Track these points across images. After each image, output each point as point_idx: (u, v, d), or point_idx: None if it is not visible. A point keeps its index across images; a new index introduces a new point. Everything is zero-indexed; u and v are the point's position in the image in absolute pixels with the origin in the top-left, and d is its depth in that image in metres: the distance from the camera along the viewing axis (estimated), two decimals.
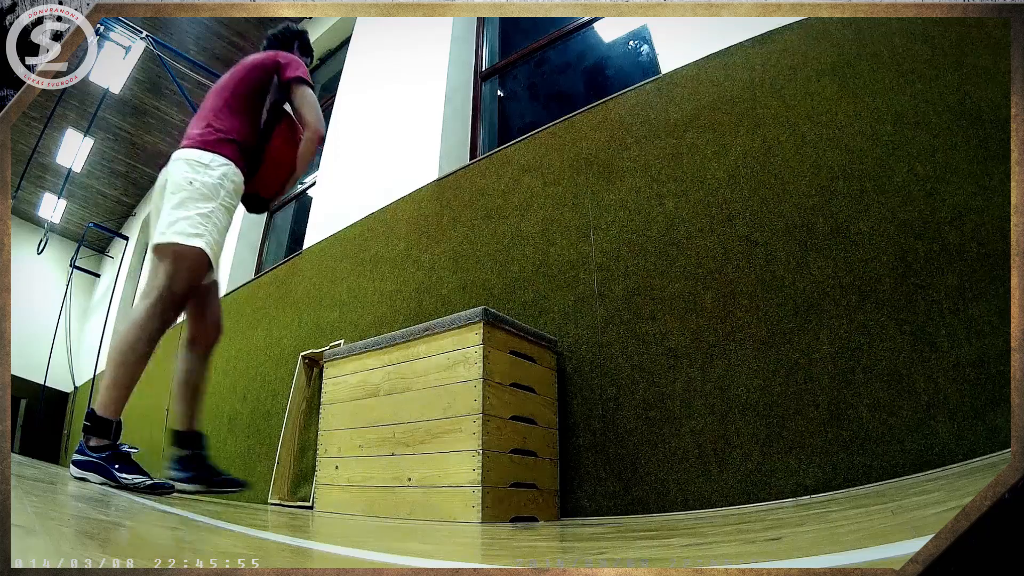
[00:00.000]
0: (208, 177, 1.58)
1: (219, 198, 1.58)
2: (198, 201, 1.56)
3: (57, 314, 7.91)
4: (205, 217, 1.56)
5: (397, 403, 1.95)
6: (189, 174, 1.58)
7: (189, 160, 1.61)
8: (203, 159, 1.60)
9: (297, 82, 1.73)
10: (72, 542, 0.70)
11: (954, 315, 1.43)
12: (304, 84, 1.75)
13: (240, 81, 1.73)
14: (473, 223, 2.63)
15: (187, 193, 1.56)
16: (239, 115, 1.67)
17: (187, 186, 1.56)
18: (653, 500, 1.78)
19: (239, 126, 1.67)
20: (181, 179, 1.58)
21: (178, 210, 1.55)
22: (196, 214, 1.55)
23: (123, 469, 1.51)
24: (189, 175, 1.58)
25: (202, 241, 1.56)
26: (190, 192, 1.56)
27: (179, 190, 1.57)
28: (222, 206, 1.59)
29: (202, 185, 1.57)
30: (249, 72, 1.73)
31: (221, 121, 1.66)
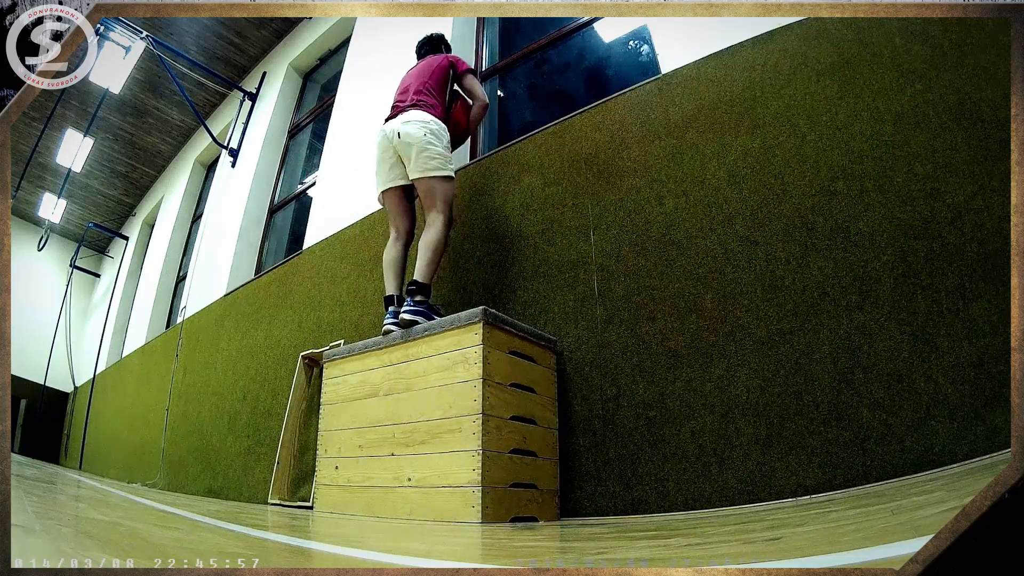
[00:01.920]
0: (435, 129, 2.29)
1: (444, 142, 2.31)
2: (441, 148, 2.28)
3: (57, 314, 7.92)
4: (446, 157, 2.29)
5: (397, 403, 1.95)
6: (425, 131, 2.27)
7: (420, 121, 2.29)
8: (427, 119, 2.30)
9: (466, 72, 2.52)
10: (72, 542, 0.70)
11: (954, 315, 1.43)
12: (470, 73, 2.53)
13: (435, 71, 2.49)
14: (473, 223, 2.63)
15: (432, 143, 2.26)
16: (437, 95, 2.43)
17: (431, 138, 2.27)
18: (653, 500, 1.78)
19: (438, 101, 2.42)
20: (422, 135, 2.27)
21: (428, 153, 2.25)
22: (441, 156, 2.27)
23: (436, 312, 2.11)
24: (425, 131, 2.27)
25: (450, 170, 2.30)
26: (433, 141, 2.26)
27: (426, 143, 2.26)
28: (446, 148, 2.32)
29: (436, 136, 2.28)
30: (440, 66, 2.50)
31: (429, 97, 2.39)
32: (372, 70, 3.85)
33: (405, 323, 2.07)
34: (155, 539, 0.89)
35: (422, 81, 2.45)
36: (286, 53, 5.24)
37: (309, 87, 5.23)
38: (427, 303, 2.14)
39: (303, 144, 5.00)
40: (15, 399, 7.60)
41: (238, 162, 5.18)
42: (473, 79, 2.52)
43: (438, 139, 2.28)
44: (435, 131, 2.29)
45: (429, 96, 2.40)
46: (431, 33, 2.77)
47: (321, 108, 4.76)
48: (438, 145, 2.27)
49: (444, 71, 2.50)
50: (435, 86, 2.44)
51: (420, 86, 2.43)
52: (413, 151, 2.27)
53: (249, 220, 4.70)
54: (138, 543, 0.82)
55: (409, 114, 2.33)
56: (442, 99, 2.44)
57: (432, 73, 2.48)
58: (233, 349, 4.02)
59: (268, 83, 5.34)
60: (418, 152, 2.26)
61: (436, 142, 2.27)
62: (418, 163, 2.26)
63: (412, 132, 2.28)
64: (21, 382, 7.56)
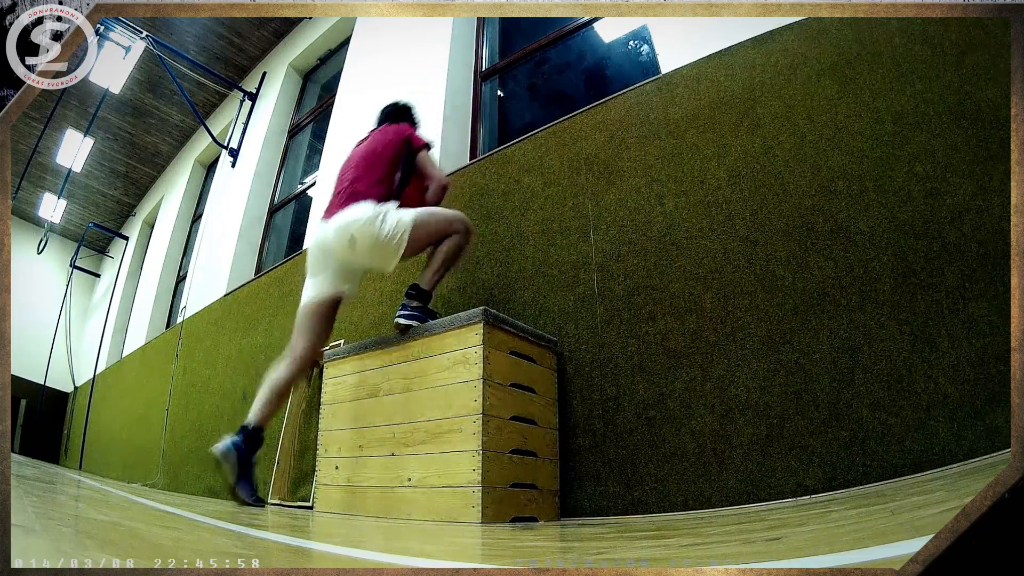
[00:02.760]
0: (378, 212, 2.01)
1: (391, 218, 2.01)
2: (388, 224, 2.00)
3: (57, 314, 7.91)
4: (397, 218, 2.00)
5: (397, 403, 1.95)
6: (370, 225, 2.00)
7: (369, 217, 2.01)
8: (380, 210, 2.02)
9: (422, 149, 2.22)
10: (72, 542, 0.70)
11: (954, 315, 1.43)
12: (426, 149, 2.23)
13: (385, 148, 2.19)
14: (473, 223, 2.62)
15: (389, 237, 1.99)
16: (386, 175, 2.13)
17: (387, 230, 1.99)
18: (653, 500, 1.78)
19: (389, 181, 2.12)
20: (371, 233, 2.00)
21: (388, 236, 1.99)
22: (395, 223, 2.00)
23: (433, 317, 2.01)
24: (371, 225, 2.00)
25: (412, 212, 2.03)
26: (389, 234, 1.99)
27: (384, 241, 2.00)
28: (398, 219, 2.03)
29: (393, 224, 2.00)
30: (391, 142, 2.20)
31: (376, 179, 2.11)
32: (372, 70, 3.85)
33: (400, 328, 2.00)
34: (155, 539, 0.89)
35: (366, 164, 2.15)
36: (286, 53, 5.24)
37: (309, 87, 5.23)
38: (424, 308, 2.02)
39: (303, 144, 5.00)
40: (15, 399, 7.60)
41: (238, 162, 5.18)
42: (429, 157, 2.23)
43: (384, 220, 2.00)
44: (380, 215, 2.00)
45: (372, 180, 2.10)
46: (397, 101, 2.48)
47: (321, 108, 4.76)
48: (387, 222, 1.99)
49: (396, 148, 2.17)
50: (382, 166, 2.13)
51: (362, 171, 2.14)
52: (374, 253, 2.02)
53: (249, 220, 4.70)
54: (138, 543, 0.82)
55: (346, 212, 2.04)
56: (389, 181, 2.12)
57: (380, 151, 2.17)
58: (233, 349, 4.02)
59: (268, 83, 5.34)
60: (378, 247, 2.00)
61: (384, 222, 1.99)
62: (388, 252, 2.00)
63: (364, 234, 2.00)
64: (21, 382, 7.56)
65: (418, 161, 2.18)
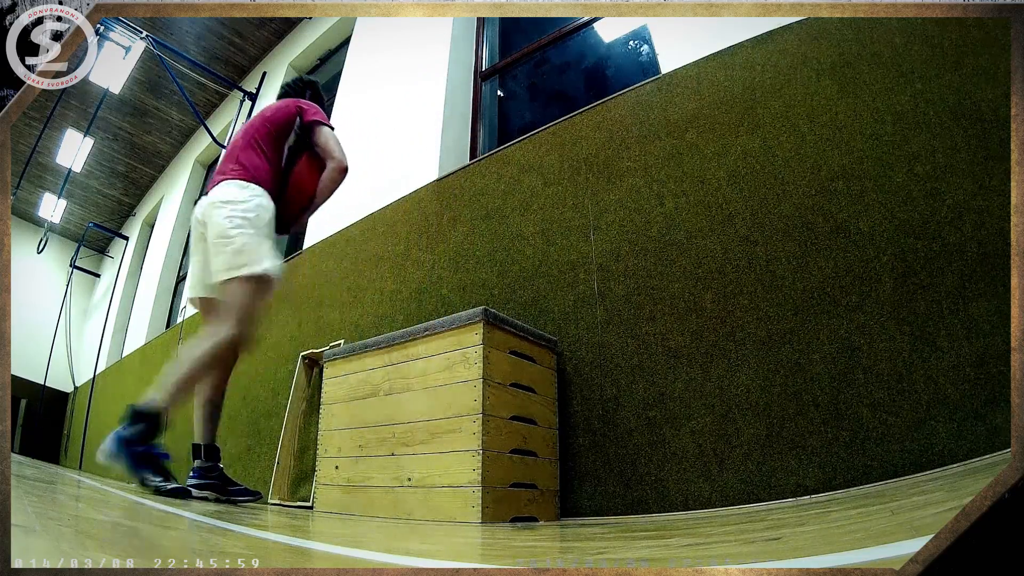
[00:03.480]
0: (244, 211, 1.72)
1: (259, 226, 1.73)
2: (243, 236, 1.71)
3: (57, 314, 7.91)
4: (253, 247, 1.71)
5: (397, 403, 1.95)
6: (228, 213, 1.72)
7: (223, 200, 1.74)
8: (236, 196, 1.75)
9: (316, 124, 1.95)
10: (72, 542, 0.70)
11: (954, 315, 1.43)
12: (323, 125, 1.96)
13: (264, 122, 1.93)
14: (473, 223, 2.63)
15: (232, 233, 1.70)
16: (264, 152, 1.87)
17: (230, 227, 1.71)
18: (653, 500, 1.78)
19: (263, 161, 1.86)
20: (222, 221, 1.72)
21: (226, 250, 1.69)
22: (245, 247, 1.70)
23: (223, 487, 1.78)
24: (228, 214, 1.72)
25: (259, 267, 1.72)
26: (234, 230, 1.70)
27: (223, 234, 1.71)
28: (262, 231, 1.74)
29: (242, 219, 1.72)
30: (273, 116, 1.94)
31: (249, 157, 1.84)
32: (372, 70, 3.85)
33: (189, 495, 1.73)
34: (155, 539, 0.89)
35: (247, 137, 1.90)
36: (286, 53, 5.24)
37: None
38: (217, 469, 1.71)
39: None
40: (15, 399, 7.60)
41: None
42: (327, 133, 1.95)
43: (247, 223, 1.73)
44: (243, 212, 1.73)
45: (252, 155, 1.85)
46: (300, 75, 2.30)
47: None
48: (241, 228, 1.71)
49: (284, 121, 1.94)
50: (264, 139, 1.89)
51: (243, 143, 1.89)
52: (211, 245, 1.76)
53: None
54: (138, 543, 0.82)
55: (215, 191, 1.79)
56: (272, 156, 1.88)
57: (264, 123, 1.93)
58: None
59: (268, 83, 5.34)
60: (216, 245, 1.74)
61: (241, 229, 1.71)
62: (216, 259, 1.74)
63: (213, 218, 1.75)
64: (21, 382, 7.56)
65: (313, 137, 1.91)
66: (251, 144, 1.88)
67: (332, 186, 1.95)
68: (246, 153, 1.85)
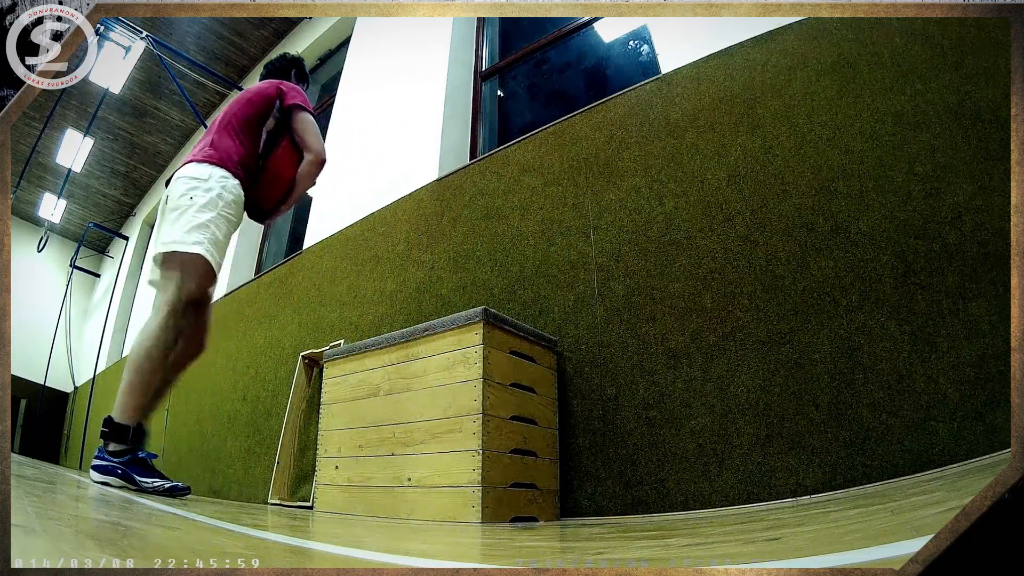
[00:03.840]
0: (206, 189, 1.64)
1: (217, 208, 1.64)
2: (196, 212, 1.62)
3: (57, 314, 7.91)
4: (203, 226, 1.62)
5: (397, 403, 1.95)
6: (186, 188, 1.65)
7: (187, 176, 1.68)
8: (201, 174, 1.68)
9: (296, 108, 1.84)
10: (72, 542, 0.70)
11: (954, 315, 1.43)
12: (303, 110, 1.86)
13: (243, 106, 1.85)
14: (473, 223, 2.63)
15: (186, 205, 1.62)
16: (238, 136, 1.79)
17: (186, 201, 1.63)
18: (653, 500, 1.78)
19: (237, 145, 1.78)
20: (179, 194, 1.65)
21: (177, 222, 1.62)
22: (194, 224, 1.61)
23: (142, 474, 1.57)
24: (186, 189, 1.65)
25: (201, 248, 1.61)
26: (188, 204, 1.63)
27: (177, 205, 1.64)
28: (221, 216, 1.66)
29: (201, 197, 1.64)
30: (251, 99, 1.86)
31: (222, 140, 1.76)
32: (372, 70, 3.85)
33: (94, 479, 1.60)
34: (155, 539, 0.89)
35: (224, 120, 1.83)
36: None
37: (309, 87, 5.22)
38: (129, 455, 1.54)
39: None
40: (15, 399, 7.60)
41: None
42: (306, 120, 1.86)
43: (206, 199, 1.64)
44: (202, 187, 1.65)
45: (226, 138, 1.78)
46: (285, 53, 2.21)
47: (321, 108, 4.76)
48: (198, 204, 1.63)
49: (263, 103, 1.86)
50: (239, 124, 1.81)
51: (219, 126, 1.82)
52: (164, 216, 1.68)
53: (249, 220, 4.69)
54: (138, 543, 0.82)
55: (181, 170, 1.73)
56: (245, 141, 1.80)
57: (242, 106, 1.85)
58: (233, 349, 4.02)
59: None
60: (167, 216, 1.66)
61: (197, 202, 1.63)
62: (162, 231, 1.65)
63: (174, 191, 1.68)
64: (21, 382, 7.56)
65: (292, 123, 1.82)
66: (226, 127, 1.80)
67: (309, 180, 1.88)
68: (219, 135, 1.78)
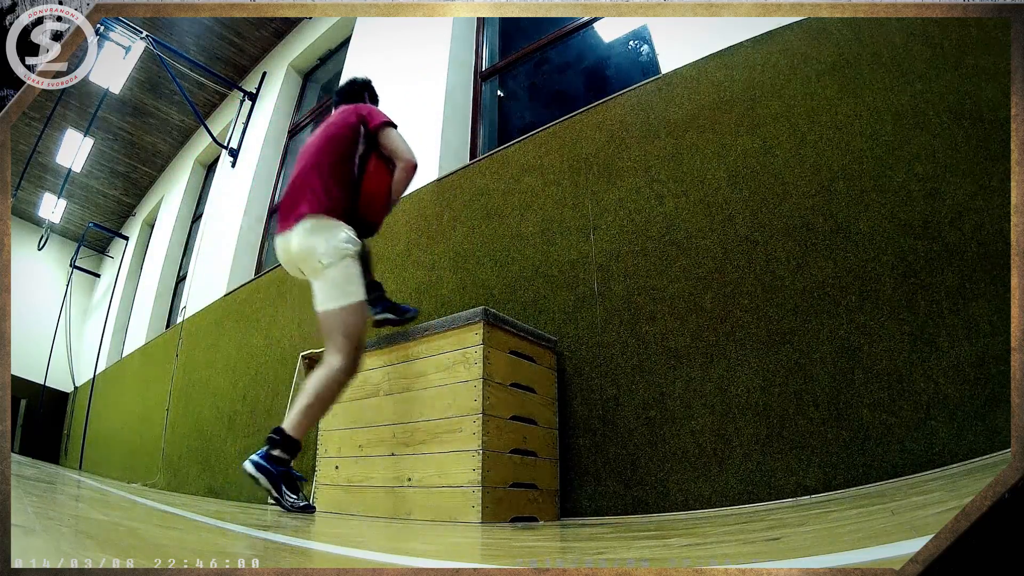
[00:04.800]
0: (337, 241, 1.84)
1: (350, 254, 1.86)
2: (339, 264, 1.83)
3: (57, 314, 7.91)
4: (350, 275, 1.84)
5: (397, 403, 1.95)
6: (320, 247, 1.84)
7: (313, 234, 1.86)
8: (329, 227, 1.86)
9: (382, 127, 2.00)
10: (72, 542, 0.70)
11: (954, 315, 1.43)
12: (387, 126, 2.01)
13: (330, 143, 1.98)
14: (473, 223, 2.63)
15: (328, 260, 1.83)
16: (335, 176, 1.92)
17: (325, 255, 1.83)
18: (653, 500, 1.78)
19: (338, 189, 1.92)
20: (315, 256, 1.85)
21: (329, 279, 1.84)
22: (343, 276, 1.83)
23: (289, 487, 1.74)
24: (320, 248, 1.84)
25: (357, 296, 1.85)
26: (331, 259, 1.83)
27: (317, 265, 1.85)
28: (352, 259, 1.86)
29: (335, 250, 1.84)
30: (336, 133, 1.99)
31: (325, 188, 1.89)
32: (372, 70, 3.84)
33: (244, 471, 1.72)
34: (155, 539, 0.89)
35: (316, 161, 1.94)
36: (286, 53, 5.24)
37: (309, 87, 5.23)
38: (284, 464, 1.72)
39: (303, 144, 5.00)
40: (15, 399, 7.60)
41: (238, 162, 5.18)
42: (393, 135, 2.00)
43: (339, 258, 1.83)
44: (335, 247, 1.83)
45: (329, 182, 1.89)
46: (354, 79, 2.30)
47: (321, 108, 4.76)
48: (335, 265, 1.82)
49: (349, 135, 1.97)
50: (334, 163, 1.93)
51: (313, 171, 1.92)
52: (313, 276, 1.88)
53: (249, 220, 4.70)
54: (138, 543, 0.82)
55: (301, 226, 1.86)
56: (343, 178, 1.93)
57: (330, 142, 1.96)
58: (233, 349, 4.02)
59: (268, 83, 5.34)
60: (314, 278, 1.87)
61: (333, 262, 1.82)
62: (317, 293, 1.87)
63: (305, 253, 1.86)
64: (21, 382, 7.56)
65: (380, 140, 1.97)
66: (322, 171, 1.92)
67: (404, 185, 2.03)
68: (321, 182, 1.90)
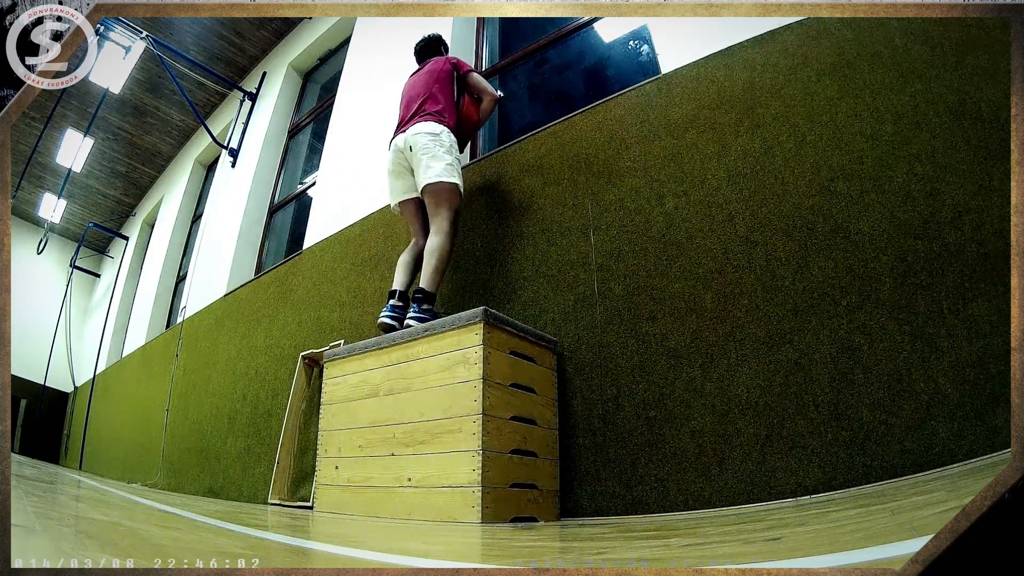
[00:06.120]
0: (444, 139, 2.36)
1: (452, 152, 2.36)
2: (444, 154, 2.33)
3: (57, 314, 7.91)
4: (452, 165, 2.33)
5: (397, 403, 1.95)
6: (429, 140, 2.34)
7: (429, 132, 2.36)
8: (436, 129, 2.37)
9: (469, 72, 2.57)
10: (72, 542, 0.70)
11: (954, 315, 1.43)
12: (472, 72, 2.59)
13: (437, 78, 2.53)
14: (473, 223, 2.63)
15: (435, 150, 2.33)
16: (446, 99, 2.49)
17: (434, 147, 2.33)
18: (653, 500, 1.78)
19: (448, 105, 2.48)
20: (428, 143, 2.34)
21: (435, 161, 2.31)
22: (445, 164, 2.31)
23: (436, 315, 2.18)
24: (433, 140, 2.34)
25: (457, 179, 2.34)
26: (437, 150, 2.33)
27: (428, 150, 2.33)
28: (453, 155, 2.36)
29: (441, 144, 2.34)
30: (440, 72, 2.55)
31: (438, 104, 2.45)
32: (372, 70, 3.85)
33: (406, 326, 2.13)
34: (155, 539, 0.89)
35: (427, 89, 2.51)
36: (286, 53, 5.24)
37: (309, 87, 5.23)
38: (432, 310, 2.22)
39: (303, 144, 5.00)
40: (15, 399, 7.60)
41: (238, 162, 5.18)
42: (477, 77, 2.58)
43: (443, 147, 2.33)
44: (441, 139, 2.34)
45: (435, 103, 2.45)
46: (429, 35, 2.82)
47: (321, 108, 4.76)
48: (443, 152, 2.32)
49: (448, 75, 2.56)
50: (441, 91, 2.49)
51: (426, 94, 2.50)
52: (420, 160, 2.34)
53: (249, 220, 4.70)
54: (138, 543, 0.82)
55: (416, 126, 2.39)
56: (449, 102, 2.48)
57: (436, 79, 2.53)
58: (233, 349, 4.02)
59: (268, 83, 5.34)
60: (424, 161, 2.33)
61: (440, 149, 2.32)
62: (423, 171, 2.33)
63: (419, 142, 2.36)
64: (21, 382, 7.56)
65: (468, 81, 2.56)
66: (434, 95, 2.48)
67: (489, 113, 2.60)
68: (432, 102, 2.46)
